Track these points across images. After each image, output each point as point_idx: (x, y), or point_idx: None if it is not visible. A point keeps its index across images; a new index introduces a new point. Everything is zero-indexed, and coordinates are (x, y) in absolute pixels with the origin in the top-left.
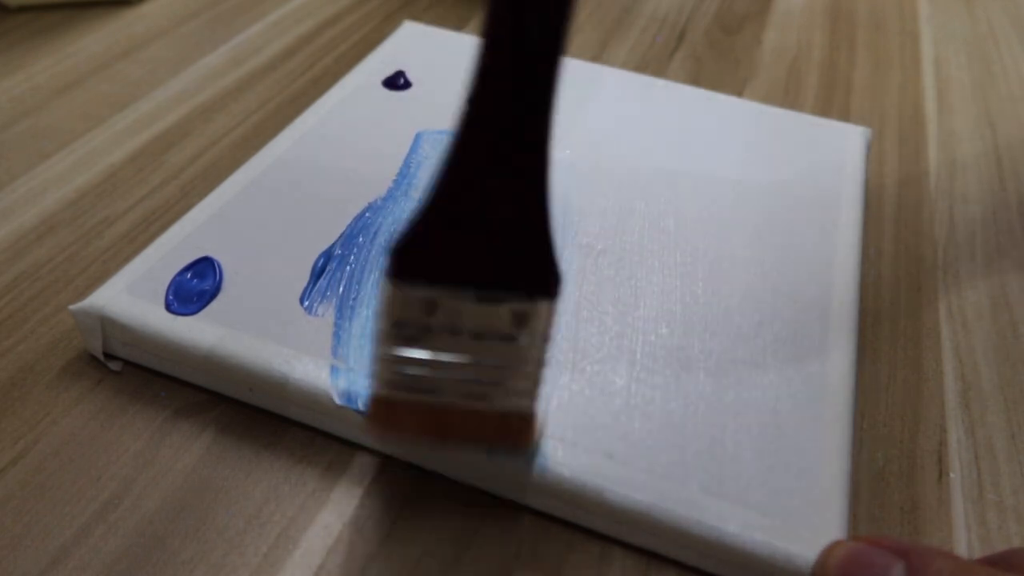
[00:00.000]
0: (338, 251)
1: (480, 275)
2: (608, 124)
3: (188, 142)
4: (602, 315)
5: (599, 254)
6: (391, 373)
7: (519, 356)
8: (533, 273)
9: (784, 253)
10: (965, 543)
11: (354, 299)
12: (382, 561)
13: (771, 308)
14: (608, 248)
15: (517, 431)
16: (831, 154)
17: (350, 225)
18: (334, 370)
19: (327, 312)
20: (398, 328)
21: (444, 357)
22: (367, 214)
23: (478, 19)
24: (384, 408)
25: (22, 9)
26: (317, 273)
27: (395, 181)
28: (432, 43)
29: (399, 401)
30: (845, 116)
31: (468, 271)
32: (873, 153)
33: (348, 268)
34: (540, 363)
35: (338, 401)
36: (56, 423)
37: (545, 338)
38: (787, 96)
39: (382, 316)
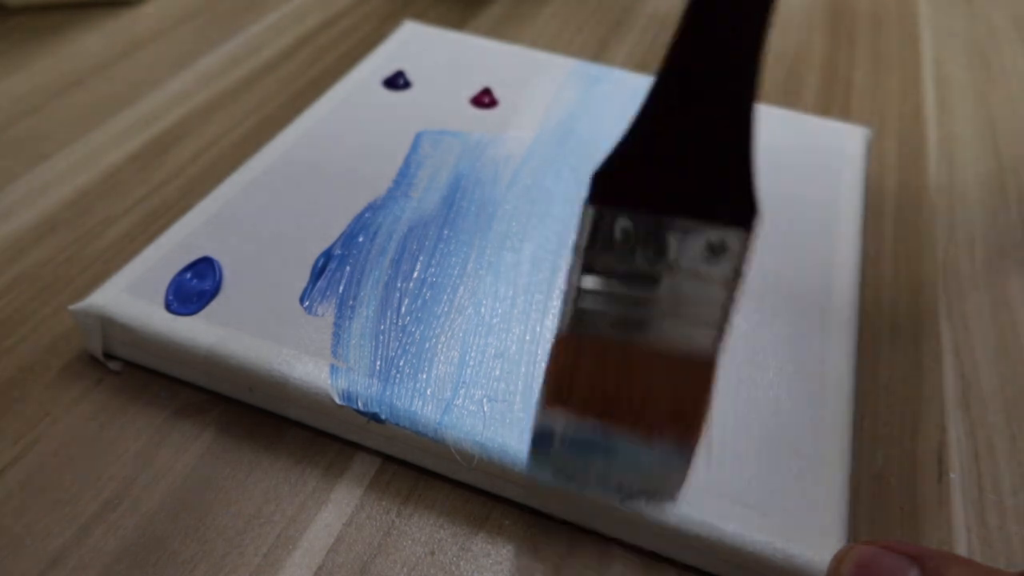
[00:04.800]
0: (338, 251)
1: (679, 202)
2: (608, 124)
3: (188, 142)
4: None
5: None
6: (581, 307)
7: (710, 292)
8: (732, 203)
9: (784, 253)
10: (965, 543)
11: (354, 299)
12: (382, 561)
13: (771, 308)
14: None
15: (696, 384)
16: (831, 154)
17: (350, 225)
18: (334, 370)
19: (327, 312)
20: (593, 257)
21: (635, 290)
22: (367, 214)
23: (478, 19)
24: (570, 349)
25: (22, 9)
26: (317, 273)
27: (395, 181)
28: (432, 43)
29: (585, 337)
30: (845, 116)
31: (668, 198)
32: (873, 153)
33: (348, 268)
34: (729, 301)
35: (338, 401)
36: (56, 423)
37: (738, 273)
38: (787, 96)
39: (578, 246)
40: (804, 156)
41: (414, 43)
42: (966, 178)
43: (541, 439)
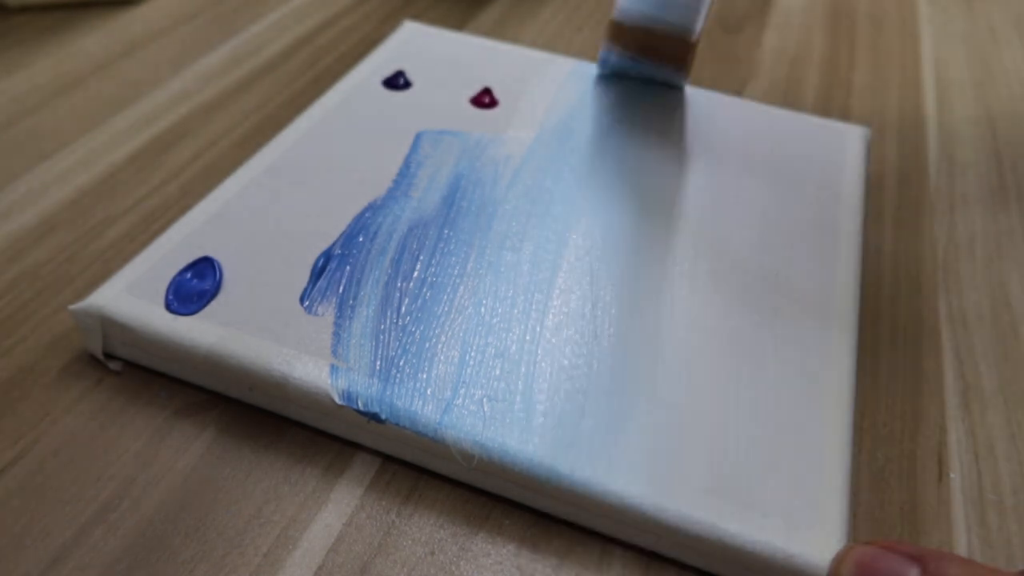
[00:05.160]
0: (338, 251)
1: None
2: (607, 124)
3: (188, 142)
4: (603, 316)
5: (598, 254)
6: (620, 6)
7: None
8: None
9: (784, 253)
10: (965, 543)
11: (354, 299)
12: (382, 561)
13: (771, 308)
14: (607, 248)
15: (683, 51)
16: (831, 154)
17: (350, 225)
18: (334, 370)
19: (327, 312)
20: None
21: None
22: (367, 214)
23: (478, 19)
24: (616, 29)
25: (22, 9)
26: (317, 273)
27: (395, 181)
28: (432, 43)
29: (625, 24)
30: (845, 116)
31: None
32: (873, 153)
33: (348, 268)
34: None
35: (338, 401)
36: (56, 423)
37: None
38: (787, 96)
39: None
40: (804, 156)
41: (414, 43)
42: (966, 178)
43: (605, 59)
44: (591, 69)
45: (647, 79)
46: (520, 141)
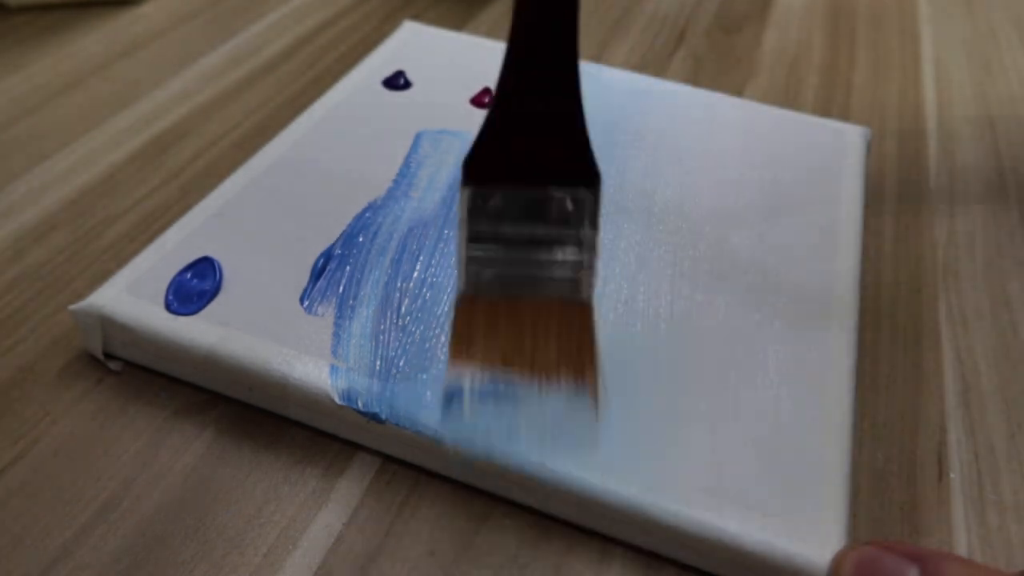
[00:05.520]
0: (338, 251)
1: (538, 175)
2: (607, 124)
3: (188, 142)
4: (602, 315)
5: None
6: (471, 273)
7: (576, 246)
8: (579, 170)
9: (784, 253)
10: (965, 543)
11: (354, 299)
12: (382, 561)
13: (771, 308)
14: (607, 248)
15: (579, 326)
16: (831, 154)
17: (350, 225)
18: (334, 370)
19: (327, 312)
20: (474, 231)
21: (513, 252)
22: (367, 214)
23: (478, 19)
24: (467, 310)
25: (22, 9)
26: (317, 273)
27: (395, 181)
28: (432, 43)
29: (478, 300)
30: (845, 116)
31: (527, 171)
32: (873, 153)
33: (348, 268)
34: (592, 253)
35: (338, 401)
36: (56, 423)
37: (595, 228)
38: (787, 96)
39: (461, 220)
40: (804, 156)
41: (414, 43)
42: (966, 178)
43: (451, 395)
44: (591, 69)
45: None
46: None
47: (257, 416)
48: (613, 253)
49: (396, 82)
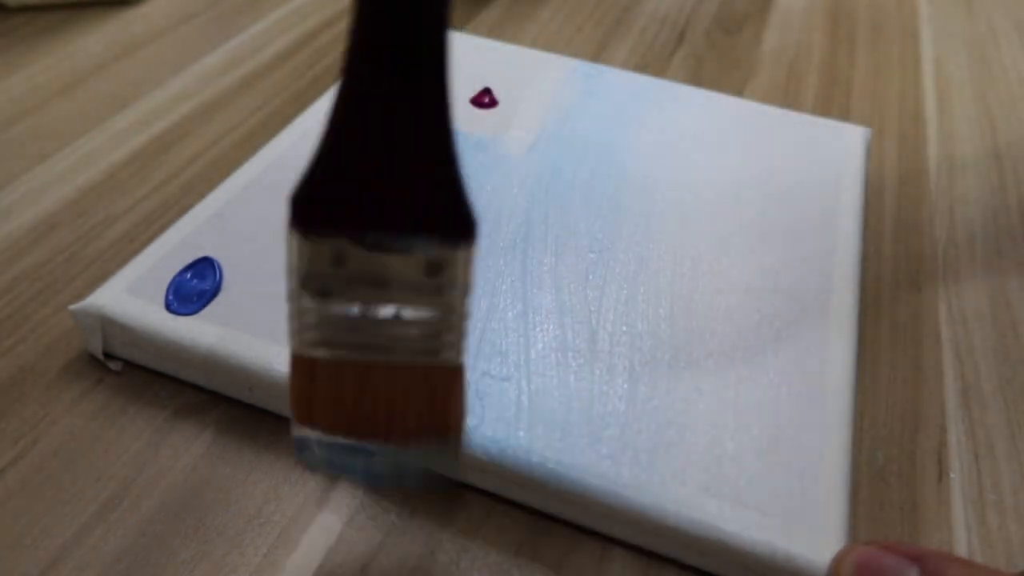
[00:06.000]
0: None
1: (387, 221)
2: (607, 124)
3: (188, 142)
4: (602, 315)
5: (598, 254)
6: (306, 329)
7: (437, 307)
8: (444, 217)
9: (784, 253)
10: (965, 543)
11: None
12: (382, 561)
13: (771, 307)
14: (607, 248)
15: (444, 391)
16: (831, 154)
17: None
18: None
19: None
20: (308, 282)
21: (357, 310)
22: None
23: (478, 19)
24: (304, 371)
25: (22, 9)
26: None
27: None
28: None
29: (319, 361)
30: (845, 116)
31: (373, 217)
32: (873, 153)
33: None
34: (461, 315)
35: None
36: (56, 423)
37: (465, 289)
38: (787, 96)
39: (290, 271)
40: (804, 156)
41: None
42: (966, 178)
43: (300, 446)
44: (591, 69)
45: (391, 476)
46: (520, 141)
47: (257, 416)
48: (613, 253)
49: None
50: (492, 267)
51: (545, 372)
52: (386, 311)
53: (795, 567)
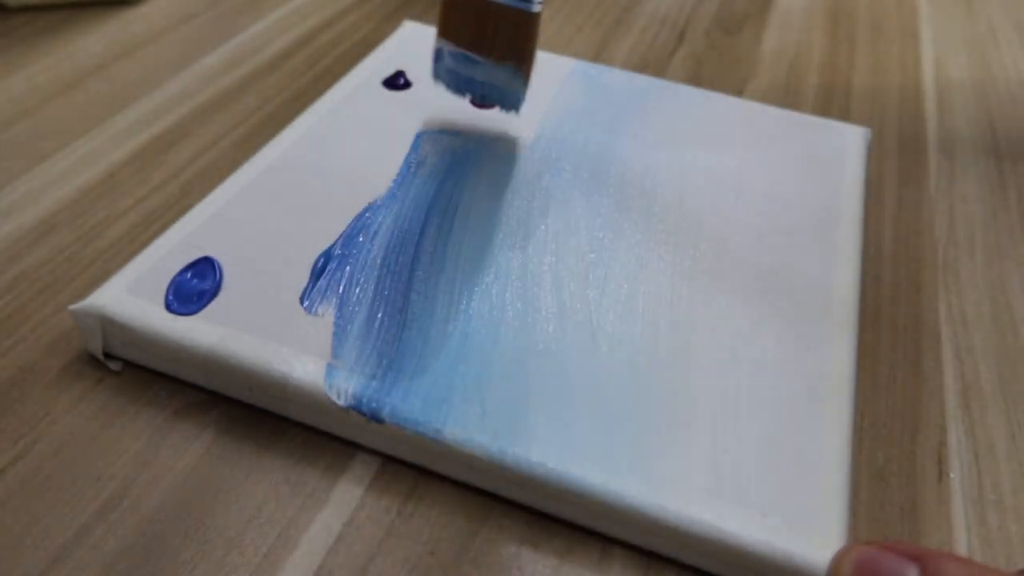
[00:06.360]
0: (338, 251)
1: None
2: (607, 124)
3: (188, 142)
4: (602, 315)
5: (598, 254)
6: None
7: None
8: None
9: (784, 253)
10: (965, 543)
11: (354, 299)
12: (382, 561)
13: (771, 308)
14: (607, 248)
15: (525, 27)
16: (831, 154)
17: (350, 225)
18: (334, 370)
19: (327, 312)
20: None
21: None
22: (367, 214)
23: None
24: (448, 4)
25: (22, 9)
26: (317, 273)
27: (395, 181)
28: (432, 43)
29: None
30: (845, 116)
31: None
32: (873, 153)
33: (348, 268)
34: None
35: (339, 401)
36: (56, 423)
37: None
38: (787, 96)
39: None
40: (804, 156)
41: (414, 43)
42: (966, 178)
43: (437, 54)
44: (591, 69)
45: (482, 92)
46: (520, 141)
47: (257, 416)
48: (613, 253)
49: (396, 82)
50: (492, 267)
51: (545, 372)
52: None
53: (795, 567)
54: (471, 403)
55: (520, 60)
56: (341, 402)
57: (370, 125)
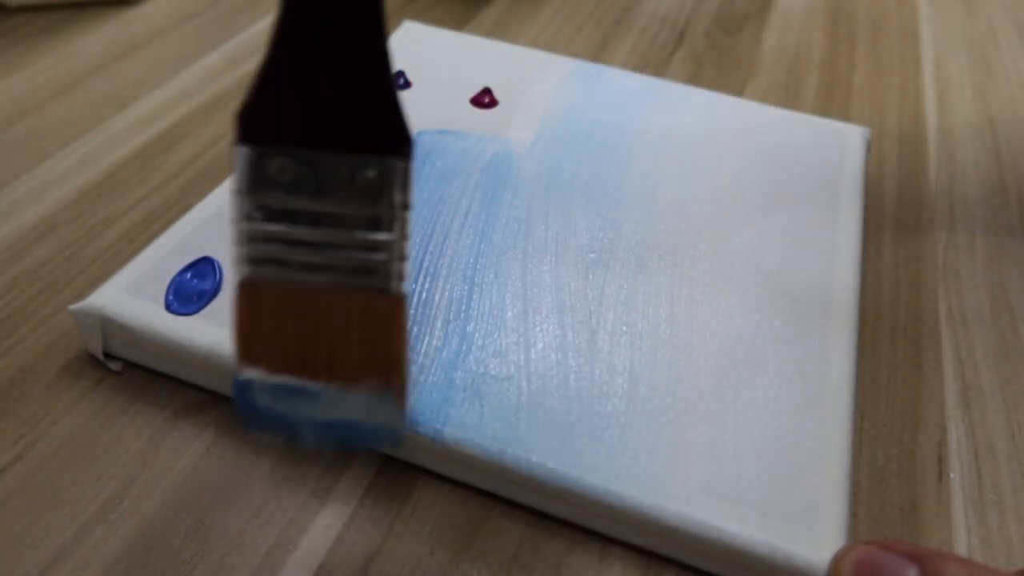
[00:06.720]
0: None
1: (328, 136)
2: (607, 124)
3: (188, 142)
4: (602, 315)
5: (598, 254)
6: (250, 250)
7: (380, 227)
8: (381, 133)
9: (784, 253)
10: (965, 543)
11: None
12: (382, 561)
13: (771, 308)
14: (608, 249)
15: (386, 321)
16: (831, 154)
17: None
18: None
19: None
20: (252, 198)
21: (303, 230)
22: None
23: (478, 19)
24: (247, 301)
25: (22, 9)
26: None
27: None
28: (432, 43)
29: (263, 287)
30: (845, 116)
31: (315, 132)
32: (873, 153)
33: None
34: (402, 235)
35: None
36: (56, 423)
37: (404, 205)
38: (787, 96)
39: (235, 189)
40: (804, 156)
41: (414, 43)
42: (966, 178)
43: (242, 391)
44: (591, 69)
45: (330, 433)
46: (520, 141)
47: None
48: (613, 253)
49: (396, 82)
50: (492, 266)
51: (545, 372)
52: (332, 234)
53: (795, 567)
54: (471, 403)
55: (387, 375)
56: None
57: None
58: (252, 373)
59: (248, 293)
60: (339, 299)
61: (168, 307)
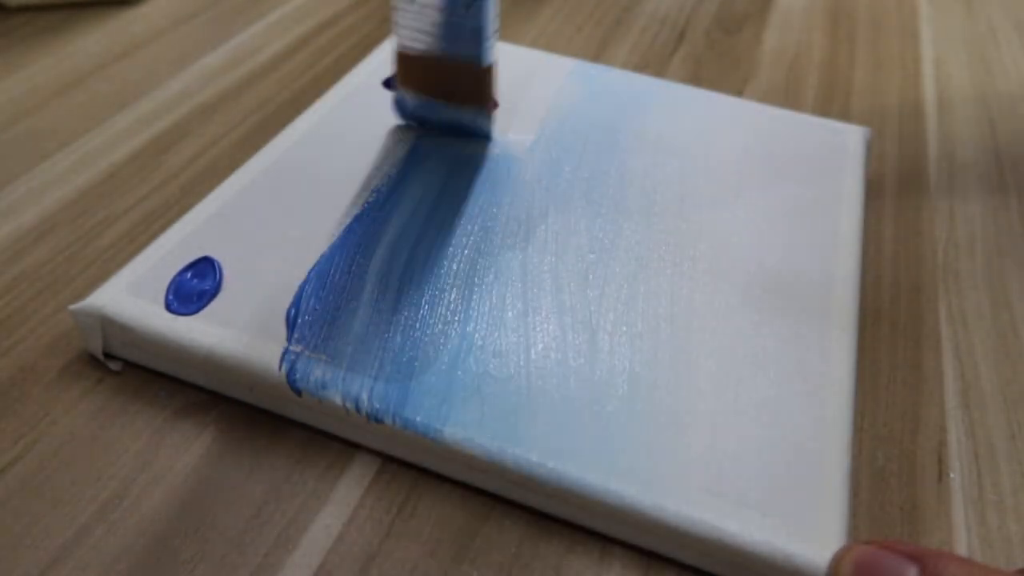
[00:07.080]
0: (338, 250)
1: None
2: (607, 124)
3: (188, 142)
4: (602, 315)
5: (598, 254)
6: (402, 28)
7: (478, 17)
8: None
9: (784, 253)
10: (965, 543)
11: (354, 299)
12: (382, 561)
13: (771, 307)
14: (607, 248)
15: (481, 78)
16: (831, 154)
17: (350, 224)
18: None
19: (327, 312)
20: None
21: (430, 11)
22: (367, 214)
23: None
24: (401, 57)
25: (22, 9)
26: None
27: (395, 181)
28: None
29: (411, 56)
30: (845, 116)
31: None
32: (873, 153)
33: (347, 269)
34: (492, 22)
35: (338, 401)
36: (56, 423)
37: (493, 6)
38: (787, 96)
39: None
40: (804, 156)
41: None
42: (966, 178)
43: (400, 104)
44: (591, 69)
45: (451, 127)
46: (520, 142)
47: (257, 416)
48: (613, 253)
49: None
50: (492, 267)
51: (545, 372)
52: (452, 16)
53: (795, 567)
54: (471, 403)
55: (482, 103)
56: (341, 402)
57: (370, 125)
58: (404, 92)
59: (401, 55)
60: (455, 64)
61: (168, 307)
